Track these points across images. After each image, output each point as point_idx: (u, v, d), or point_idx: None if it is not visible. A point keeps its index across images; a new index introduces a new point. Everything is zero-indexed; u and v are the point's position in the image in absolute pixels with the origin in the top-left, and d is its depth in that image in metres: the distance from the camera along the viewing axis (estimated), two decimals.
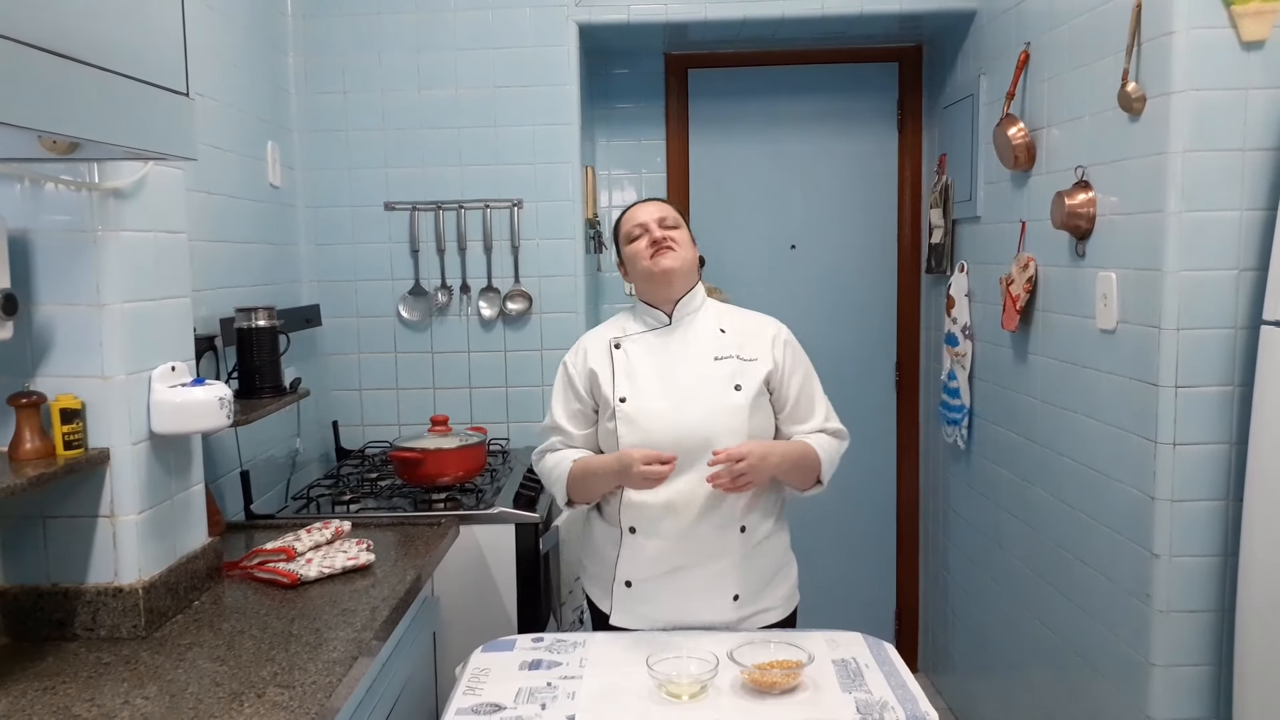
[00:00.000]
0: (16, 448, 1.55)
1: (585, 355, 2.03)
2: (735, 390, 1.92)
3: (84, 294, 1.61)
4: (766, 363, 1.96)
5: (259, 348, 2.33)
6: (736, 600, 1.93)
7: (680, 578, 1.93)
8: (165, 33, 1.45)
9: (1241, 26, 1.91)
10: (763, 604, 1.98)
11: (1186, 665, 2.04)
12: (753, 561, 1.95)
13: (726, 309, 2.08)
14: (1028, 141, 2.59)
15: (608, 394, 1.96)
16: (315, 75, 3.07)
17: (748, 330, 2.02)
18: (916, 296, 3.66)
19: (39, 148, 1.45)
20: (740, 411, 1.91)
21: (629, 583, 1.96)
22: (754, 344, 1.99)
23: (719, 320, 2.03)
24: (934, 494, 3.55)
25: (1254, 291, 1.95)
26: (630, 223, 2.02)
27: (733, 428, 1.89)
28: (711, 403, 1.91)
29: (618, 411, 1.93)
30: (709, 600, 1.93)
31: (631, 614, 1.97)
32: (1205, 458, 2.00)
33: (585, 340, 2.07)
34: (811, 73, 3.60)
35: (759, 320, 2.06)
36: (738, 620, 1.95)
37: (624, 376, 1.97)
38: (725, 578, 1.93)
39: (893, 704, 1.59)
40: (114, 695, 1.42)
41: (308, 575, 1.89)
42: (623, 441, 1.91)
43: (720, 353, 1.96)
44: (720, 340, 1.99)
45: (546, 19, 3.04)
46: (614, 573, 1.98)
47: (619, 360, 1.99)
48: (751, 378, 1.94)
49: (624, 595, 1.97)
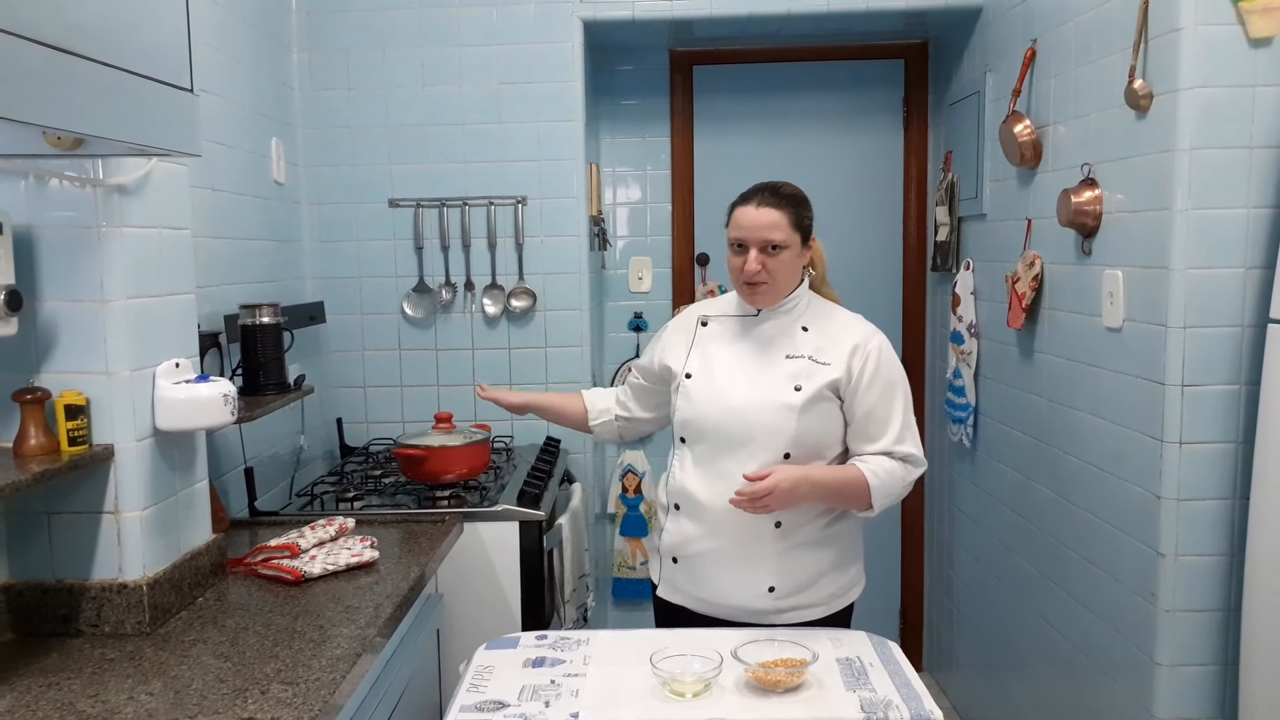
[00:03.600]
0: (21, 444, 1.55)
1: (680, 322, 2.13)
2: (794, 390, 1.90)
3: (88, 290, 1.61)
4: (838, 370, 1.92)
5: (263, 344, 2.33)
6: (772, 592, 1.94)
7: (717, 560, 1.96)
8: (169, 28, 1.45)
9: (1249, 23, 1.90)
10: (805, 599, 1.97)
11: (1192, 665, 2.03)
12: (792, 559, 1.94)
13: (823, 308, 2.02)
14: (1034, 139, 2.58)
15: (678, 368, 2.03)
16: (319, 71, 3.06)
17: (832, 334, 1.97)
18: (922, 294, 3.65)
19: (43, 144, 1.45)
20: (790, 411, 1.89)
21: (675, 559, 2.03)
22: (833, 349, 1.94)
23: (807, 318, 1.99)
24: (939, 492, 3.54)
25: (1261, 289, 1.94)
26: (734, 230, 1.95)
27: (778, 426, 1.89)
28: (764, 396, 1.91)
29: (681, 385, 2.01)
30: (744, 587, 1.96)
31: (675, 589, 2.05)
32: (1211, 456, 1.99)
33: (691, 309, 2.15)
34: (817, 69, 3.59)
35: (850, 327, 1.99)
36: (774, 611, 1.96)
37: (699, 354, 2.02)
38: (760, 569, 1.94)
39: (897, 703, 1.59)
40: (118, 691, 1.42)
41: (311, 572, 1.89)
42: (678, 415, 2.01)
43: (794, 351, 1.95)
44: (799, 339, 1.97)
45: (551, 15, 3.04)
46: (662, 547, 2.06)
47: (700, 337, 2.05)
48: (816, 381, 1.91)
49: (670, 570, 2.05)
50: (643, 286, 3.62)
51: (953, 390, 3.18)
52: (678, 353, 2.06)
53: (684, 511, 1.99)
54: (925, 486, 3.70)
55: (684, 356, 2.04)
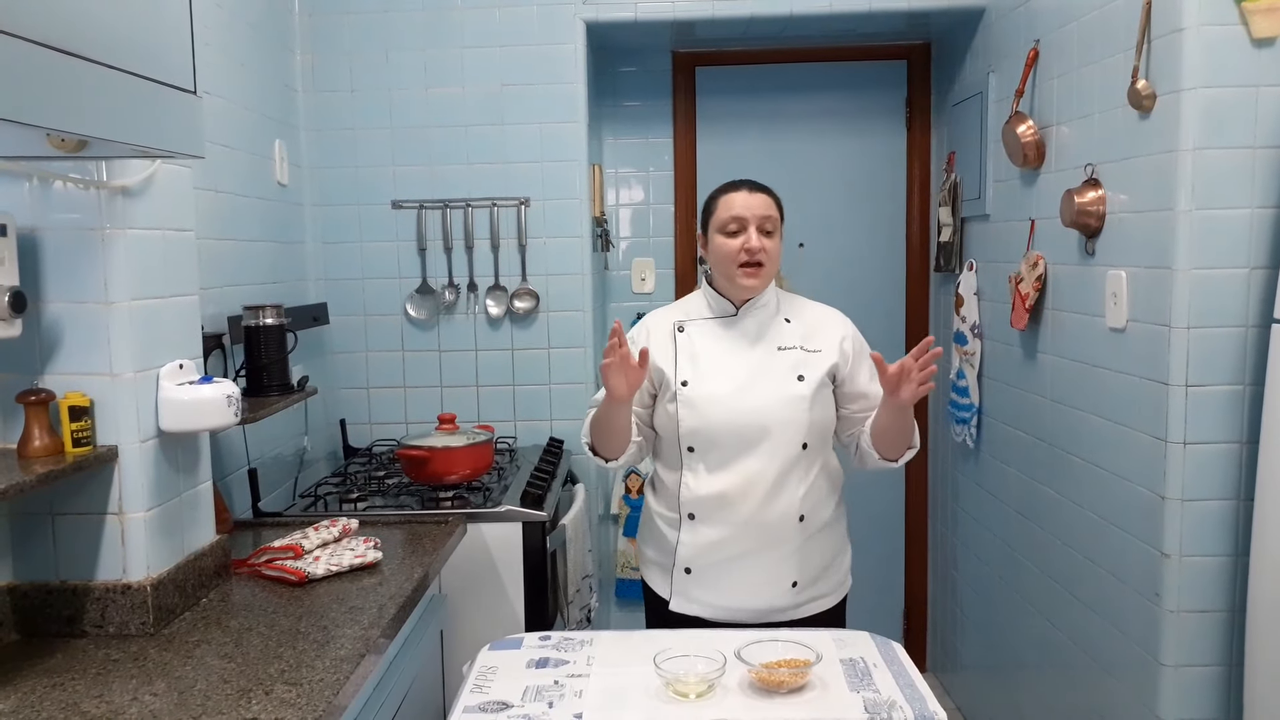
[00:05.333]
0: (25, 445, 1.55)
1: (648, 334, 2.04)
2: (798, 380, 1.93)
3: (92, 292, 1.61)
4: (832, 355, 1.97)
5: (266, 346, 2.33)
6: (795, 587, 1.95)
7: (739, 565, 1.95)
8: (173, 30, 1.45)
9: (1252, 24, 1.90)
10: (819, 590, 2.01)
11: (1196, 665, 2.02)
12: (810, 548, 1.97)
13: (792, 300, 2.07)
14: (1037, 139, 2.58)
15: (669, 376, 1.98)
16: (322, 73, 3.07)
17: (814, 322, 2.02)
18: (925, 295, 3.65)
19: (47, 145, 1.45)
20: (801, 402, 1.92)
21: (689, 569, 1.99)
22: (820, 337, 1.99)
23: (785, 310, 2.03)
24: (943, 493, 3.54)
25: (1265, 290, 1.94)
26: (727, 211, 1.95)
27: (793, 418, 1.91)
28: (773, 391, 1.92)
29: (679, 395, 1.96)
30: (768, 587, 1.96)
31: (691, 600, 2.00)
32: (1216, 457, 1.98)
33: (648, 320, 2.08)
34: (819, 70, 3.59)
35: (825, 313, 2.06)
36: (794, 605, 1.98)
37: (687, 360, 1.98)
38: (784, 565, 1.95)
39: (901, 703, 1.58)
40: (122, 692, 1.42)
41: (315, 573, 1.89)
42: (683, 425, 1.95)
43: (784, 343, 1.97)
44: (785, 330, 1.99)
45: (554, 17, 3.04)
46: (674, 559, 2.00)
47: (682, 343, 2.00)
48: (815, 369, 1.95)
49: (684, 581, 2.00)
50: (646, 288, 3.62)
51: (956, 391, 3.17)
52: (666, 363, 2.00)
53: (701, 520, 1.97)
54: (929, 487, 3.70)
55: (672, 366, 2.00)
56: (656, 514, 2.06)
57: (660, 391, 2.01)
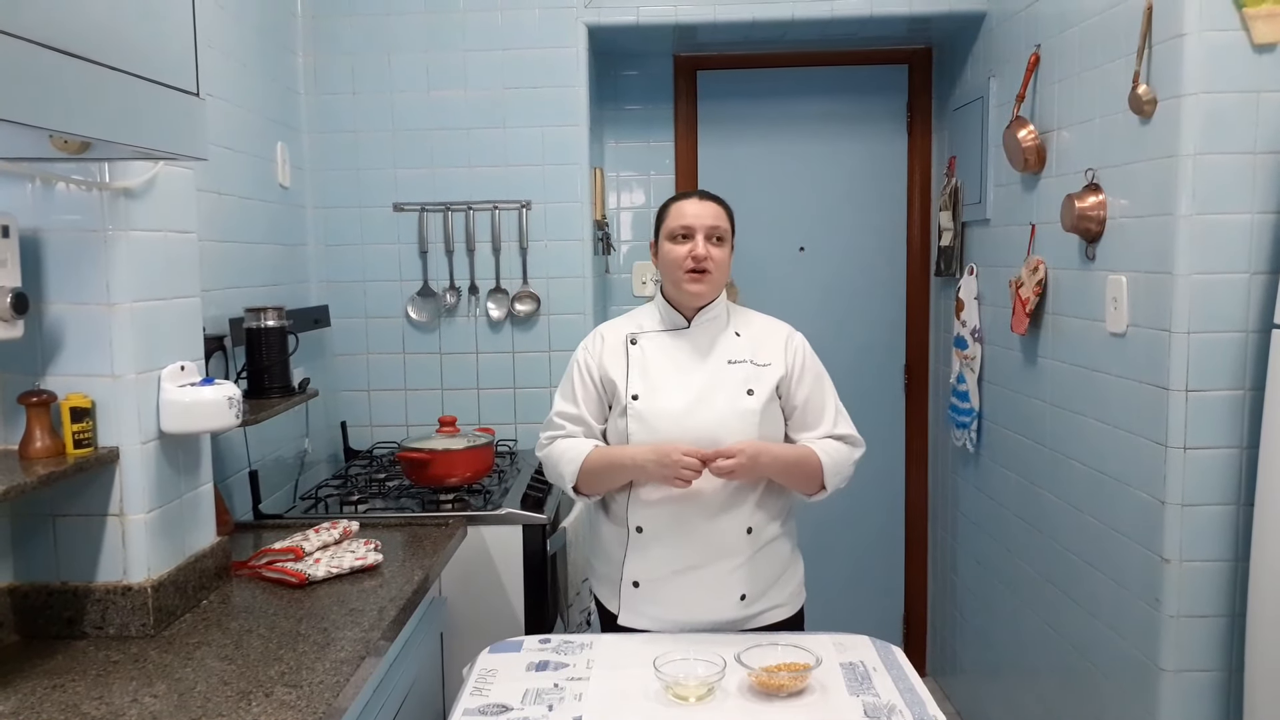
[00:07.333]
0: (27, 446, 1.55)
1: (602, 345, 2.02)
2: (748, 395, 1.92)
3: (94, 293, 1.61)
4: (779, 368, 1.96)
5: (268, 348, 2.33)
6: (743, 599, 1.93)
7: (687, 578, 1.92)
8: (176, 32, 1.45)
9: (1253, 29, 1.90)
10: (770, 601, 1.98)
11: (1196, 671, 2.02)
12: (760, 561, 1.95)
13: (742, 313, 2.07)
14: (1038, 144, 2.58)
15: (620, 390, 1.96)
16: (324, 76, 3.07)
17: (762, 336, 2.01)
18: (925, 299, 3.65)
19: (50, 147, 1.46)
20: (752, 416, 1.91)
21: (636, 583, 1.96)
22: (768, 349, 1.98)
23: (735, 324, 2.02)
24: (943, 497, 3.54)
25: (1265, 295, 1.94)
26: (677, 220, 1.96)
27: (743, 432, 1.89)
28: (724, 406, 1.91)
29: (629, 409, 1.93)
30: (716, 600, 1.93)
31: (639, 614, 1.97)
32: (1216, 462, 1.99)
33: (603, 329, 2.07)
34: (821, 75, 3.60)
35: (773, 326, 2.05)
36: (745, 619, 1.95)
37: (638, 374, 1.96)
38: (732, 578, 1.92)
39: (900, 707, 1.58)
40: (123, 693, 1.42)
41: (315, 575, 1.89)
42: (633, 439, 1.92)
43: (734, 356, 1.96)
44: (735, 344, 1.98)
45: (556, 20, 3.05)
46: (621, 573, 1.97)
47: (634, 356, 1.99)
48: (764, 383, 1.94)
49: (631, 595, 1.97)
50: (646, 291, 3.62)
51: (956, 395, 3.17)
52: (618, 375, 1.97)
53: (648, 534, 1.93)
54: (929, 491, 3.70)
55: (624, 379, 1.97)
56: (604, 528, 2.04)
57: (613, 405, 1.99)
